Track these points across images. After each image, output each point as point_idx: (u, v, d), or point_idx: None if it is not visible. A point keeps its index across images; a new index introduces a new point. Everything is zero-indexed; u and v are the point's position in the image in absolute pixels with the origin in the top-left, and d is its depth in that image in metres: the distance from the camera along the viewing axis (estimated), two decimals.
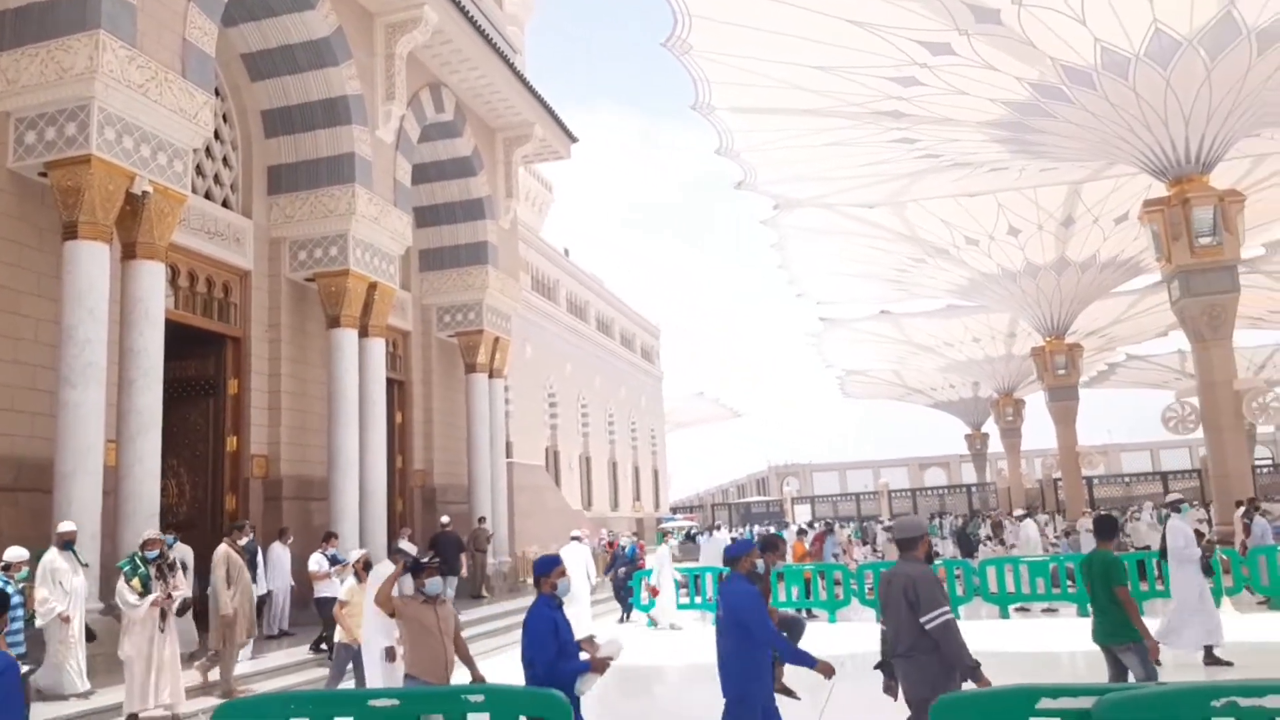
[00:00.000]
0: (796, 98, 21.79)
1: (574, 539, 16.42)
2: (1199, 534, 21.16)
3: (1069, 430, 34.49)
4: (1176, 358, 51.09)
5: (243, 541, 11.13)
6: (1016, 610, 16.34)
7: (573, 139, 24.89)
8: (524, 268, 32.83)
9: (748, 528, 39.44)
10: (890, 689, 5.86)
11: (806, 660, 5.85)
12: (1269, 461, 55.94)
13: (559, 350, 37.40)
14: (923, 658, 5.47)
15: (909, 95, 20.77)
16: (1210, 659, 10.41)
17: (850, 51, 19.36)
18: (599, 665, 5.67)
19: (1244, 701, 3.96)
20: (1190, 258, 19.62)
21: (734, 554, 6.39)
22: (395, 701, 4.38)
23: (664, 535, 20.82)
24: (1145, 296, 37.72)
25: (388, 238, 16.65)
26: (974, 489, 57.28)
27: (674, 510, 60.28)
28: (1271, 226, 31.69)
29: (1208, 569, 11.28)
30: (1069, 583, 16.52)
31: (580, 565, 15.67)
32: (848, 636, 13.66)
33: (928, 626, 5.44)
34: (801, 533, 26.80)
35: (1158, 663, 7.23)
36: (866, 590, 17.00)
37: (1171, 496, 12.66)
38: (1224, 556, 15.95)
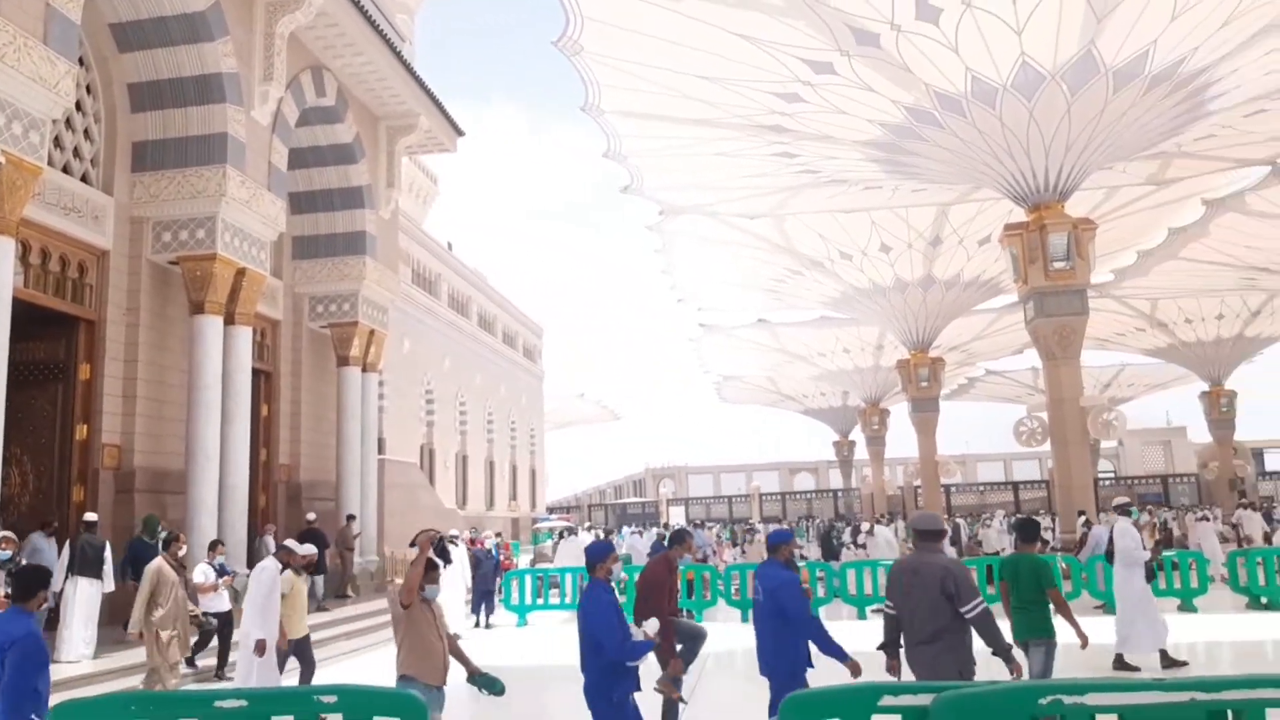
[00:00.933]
0: (684, 106, 22.10)
1: (451, 540, 16.70)
2: (1044, 542, 22.45)
3: (929, 440, 36.07)
4: (1030, 374, 54.05)
5: (182, 553, 10.19)
6: (873, 611, 16.98)
7: (459, 132, 24.58)
8: (404, 260, 32.18)
9: (621, 529, 39.68)
10: (894, 669, 6.11)
11: (839, 653, 6.22)
12: (1111, 474, 59.86)
13: (438, 346, 36.81)
14: (953, 640, 5.76)
15: (791, 111, 21.33)
16: (1167, 662, 10.23)
17: (737, 64, 19.75)
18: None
19: (1068, 699, 4.23)
20: (1045, 280, 20.83)
21: (775, 543, 6.77)
22: (243, 702, 4.24)
23: (561, 534, 20.87)
24: (1003, 315, 39.79)
25: (259, 222, 16.05)
26: (840, 494, 59.22)
27: (550, 510, 60.09)
28: (1120, 254, 33.94)
29: (1150, 573, 11.56)
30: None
31: (457, 564, 16.21)
32: (715, 636, 13.93)
33: (968, 615, 5.74)
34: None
35: (1082, 645, 7.57)
36: (733, 591, 17.40)
37: (1119, 500, 12.59)
38: (1064, 564, 16.97)
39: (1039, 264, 20.80)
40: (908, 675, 5.74)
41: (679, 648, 7.96)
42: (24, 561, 8.77)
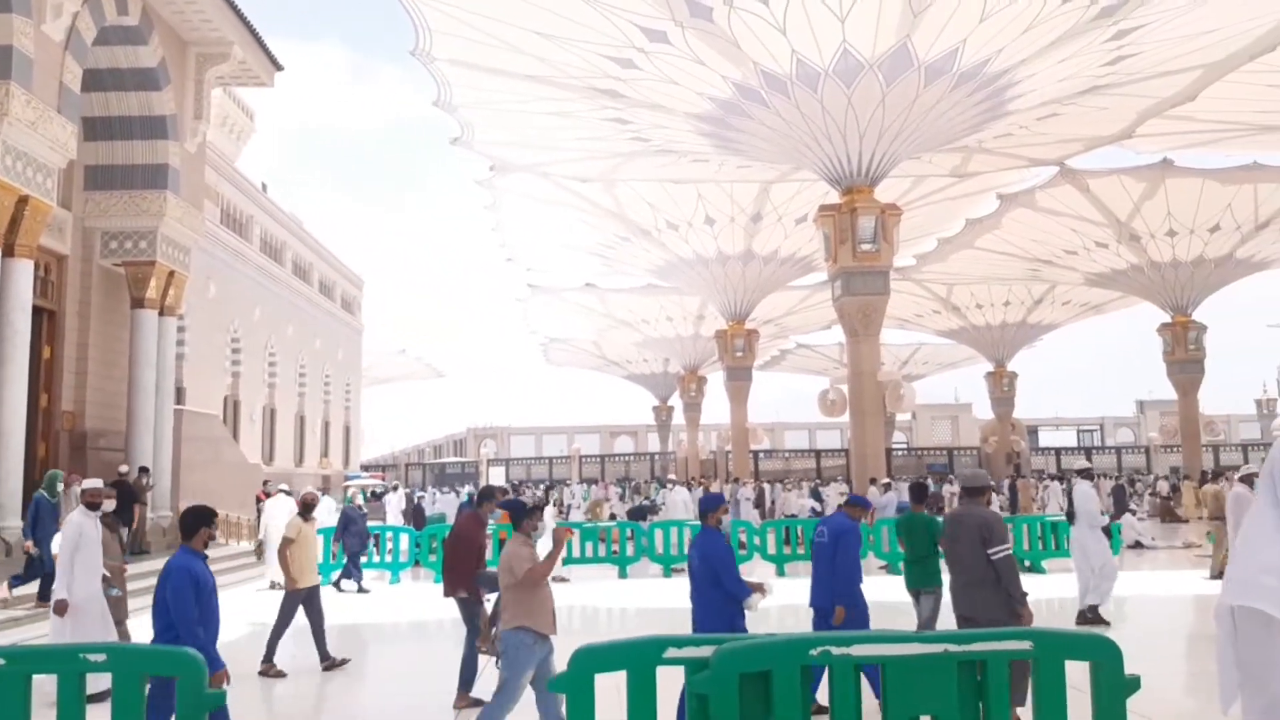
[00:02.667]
0: (518, 61, 21.73)
1: (282, 491, 17.13)
2: (839, 506, 23.76)
3: (742, 407, 37.50)
4: (837, 349, 56.95)
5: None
6: (676, 570, 17.61)
7: (277, 66, 23.20)
8: (213, 199, 30.21)
9: (440, 489, 39.20)
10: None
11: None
12: (904, 445, 64.17)
13: (248, 292, 34.89)
14: (994, 584, 6.48)
15: (626, 77, 21.41)
16: (1092, 617, 11.27)
17: (573, 24, 19.59)
18: (758, 587, 6.67)
19: (836, 650, 4.55)
20: (853, 261, 21.99)
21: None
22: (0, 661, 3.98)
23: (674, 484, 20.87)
24: (815, 292, 41.70)
25: (46, 147, 14.66)
26: (657, 457, 60.69)
27: (365, 468, 58.49)
28: (922, 240, 36.20)
29: (1106, 532, 12.45)
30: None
31: (284, 518, 15.77)
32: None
33: (994, 557, 6.45)
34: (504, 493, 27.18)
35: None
36: (574, 550, 17.72)
37: (1081, 464, 13.27)
38: (572, 530, 18.28)
39: (848, 245, 21.93)
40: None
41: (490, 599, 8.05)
42: None
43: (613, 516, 23.62)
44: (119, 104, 19.33)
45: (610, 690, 4.56)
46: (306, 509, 10.12)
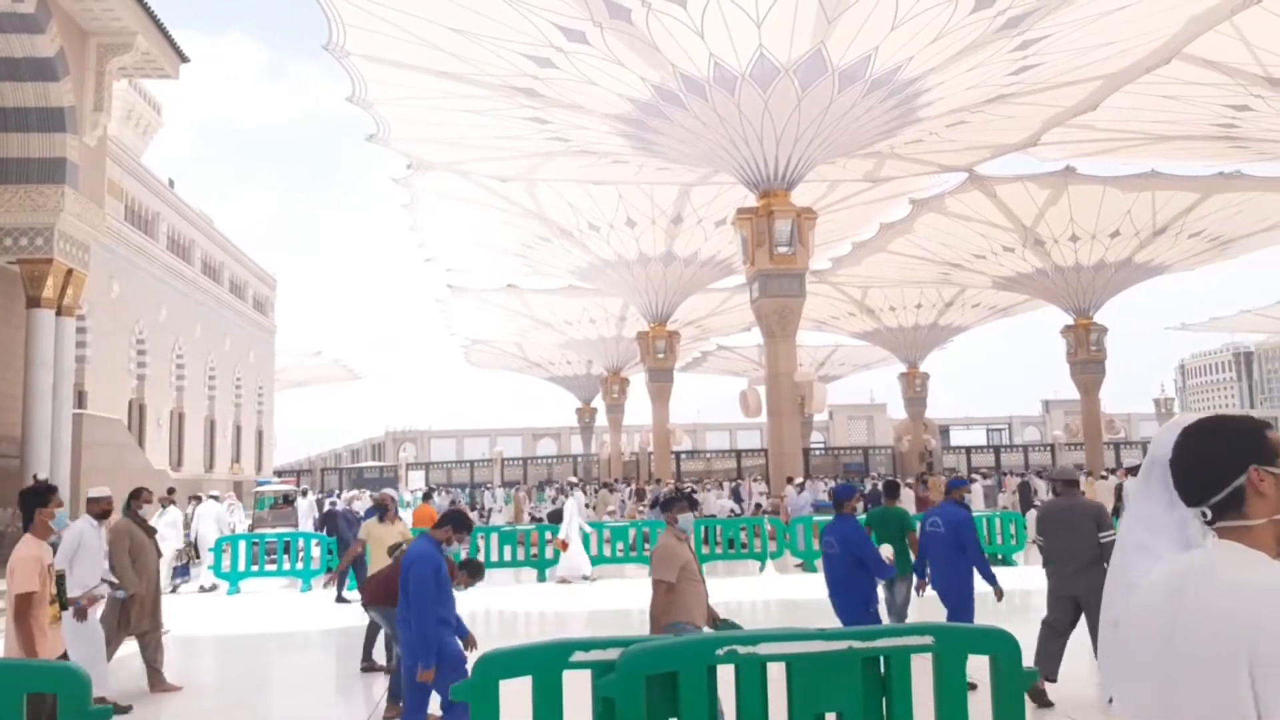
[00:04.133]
0: (435, 58, 21.44)
1: (212, 498, 18.43)
2: (758, 506, 24.06)
3: (663, 409, 37.66)
4: (756, 350, 57.65)
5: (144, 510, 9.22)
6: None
7: (183, 58, 22.41)
8: (117, 195, 29.06)
9: (341, 494, 38.43)
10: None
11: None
12: (822, 445, 65.25)
13: (154, 292, 33.66)
14: (1102, 564, 7.10)
15: (544, 76, 21.29)
16: None
17: (491, 22, 19.40)
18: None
19: (742, 649, 4.58)
20: (769, 263, 22.27)
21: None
22: None
23: (573, 486, 20.93)
24: (735, 294, 42.10)
25: None
26: (580, 459, 60.55)
27: (278, 474, 56.99)
28: (837, 244, 36.87)
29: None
30: (646, 546, 18.09)
31: (211, 521, 17.57)
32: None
33: (1104, 540, 7.27)
34: (427, 496, 26.86)
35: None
36: (477, 553, 17.47)
37: (1132, 465, 13.46)
38: (770, 525, 18.33)
39: (765, 247, 22.20)
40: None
41: None
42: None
43: (533, 519, 23.46)
44: (14, 95, 18.45)
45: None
46: (384, 511, 10.10)
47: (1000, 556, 17.84)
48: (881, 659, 4.69)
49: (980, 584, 8.07)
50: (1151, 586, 1.87)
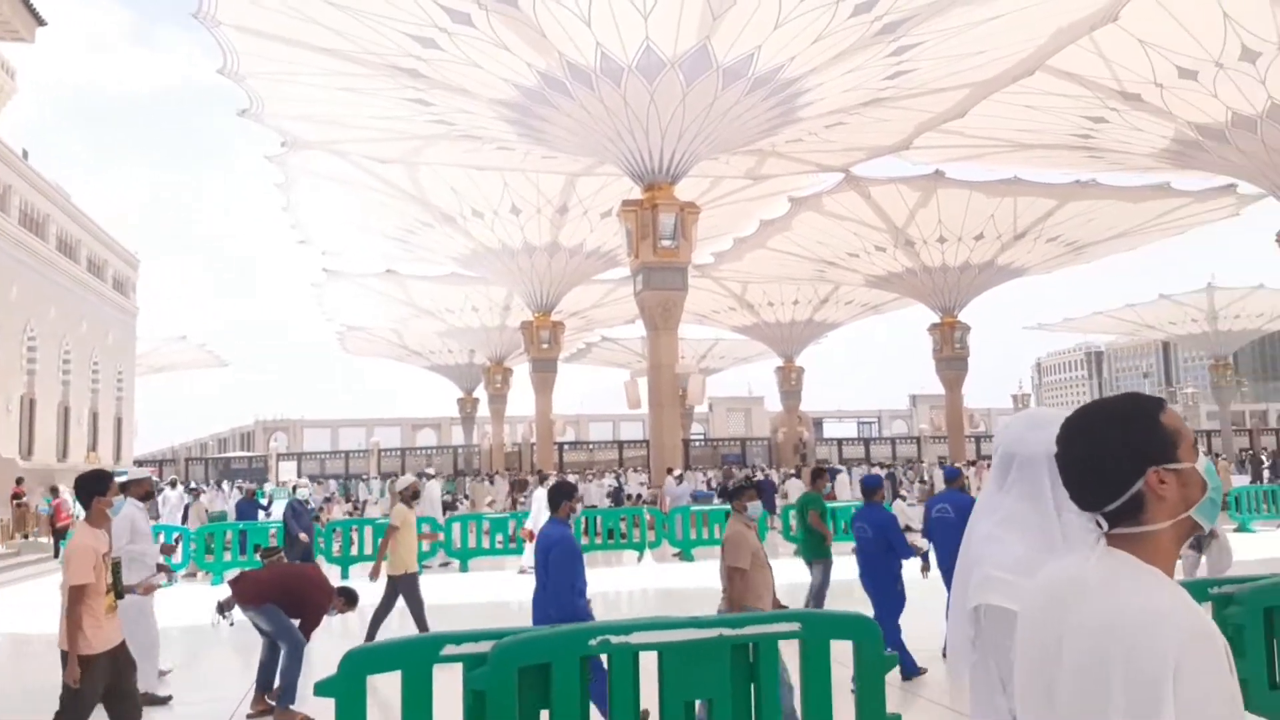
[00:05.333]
0: (313, 32, 20.66)
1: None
2: (637, 496, 24.19)
3: (547, 399, 37.49)
4: (640, 342, 57.99)
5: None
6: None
7: (40, 21, 21.08)
8: None
9: (227, 485, 36.93)
10: None
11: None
12: (701, 436, 66.24)
13: (4, 270, 31.46)
14: None
15: (427, 57, 20.82)
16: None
17: None
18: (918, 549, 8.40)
19: (615, 639, 4.60)
20: (653, 256, 22.44)
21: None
22: None
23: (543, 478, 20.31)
24: (620, 286, 42.22)
25: None
26: (461, 450, 59.72)
27: (138, 463, 54.14)
28: (719, 239, 37.44)
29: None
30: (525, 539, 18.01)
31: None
32: None
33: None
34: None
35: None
36: (351, 548, 17.01)
37: None
38: (649, 515, 18.51)
39: (649, 240, 22.35)
40: None
41: None
42: None
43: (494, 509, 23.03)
44: None
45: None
46: (414, 496, 10.70)
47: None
48: (750, 645, 4.79)
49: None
50: (1034, 599, 1.76)
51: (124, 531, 7.95)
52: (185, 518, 22.48)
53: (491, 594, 14.41)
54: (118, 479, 7.92)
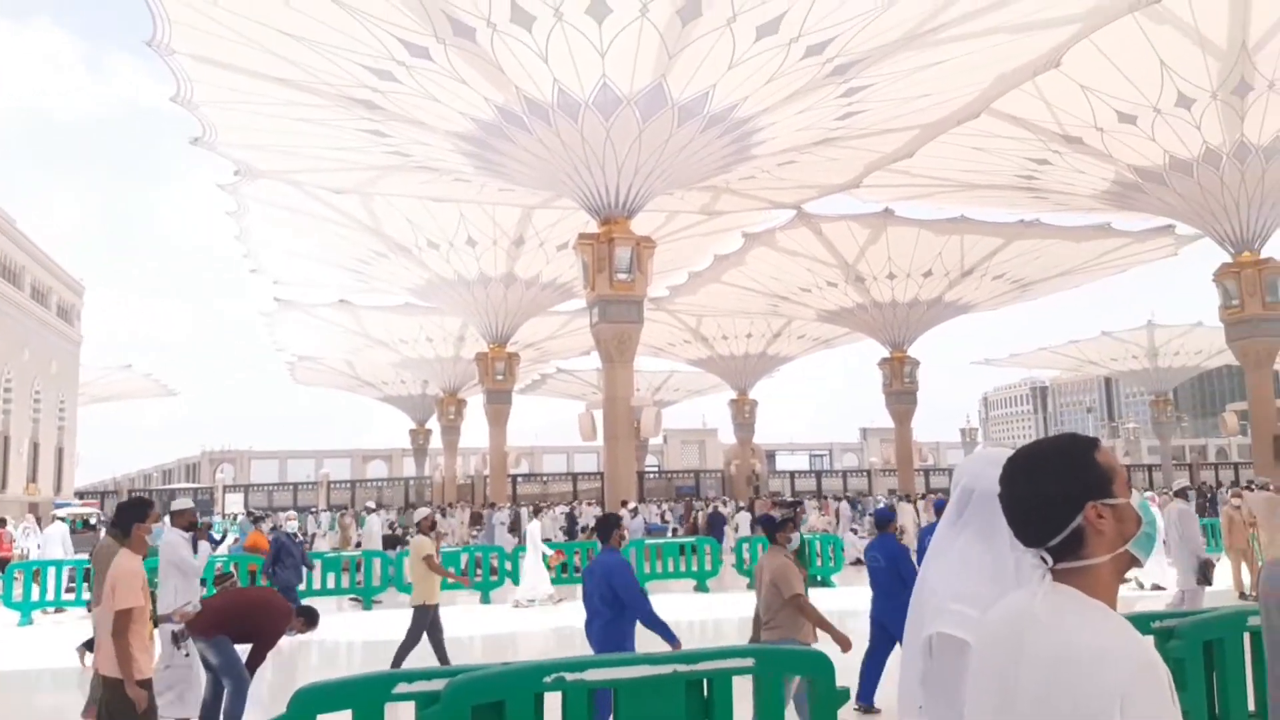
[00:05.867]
0: (268, 63, 20.59)
1: (59, 519, 19.16)
2: (587, 528, 23.99)
3: (501, 431, 37.29)
4: (595, 374, 58.01)
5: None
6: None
7: None
8: None
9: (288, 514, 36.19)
10: None
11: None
12: (656, 469, 66.24)
13: None
14: None
15: (384, 89, 20.84)
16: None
17: (329, 30, 18.84)
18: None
19: (570, 676, 4.60)
20: (609, 289, 22.56)
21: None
22: None
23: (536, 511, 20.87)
24: (575, 318, 42.27)
25: None
26: (412, 482, 59.00)
27: (79, 495, 52.69)
28: (674, 273, 37.74)
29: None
30: (478, 572, 17.85)
31: (58, 542, 17.71)
32: None
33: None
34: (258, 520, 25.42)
35: None
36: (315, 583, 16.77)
37: (1260, 480, 13.52)
38: (560, 551, 18.53)
39: (605, 273, 22.48)
40: None
41: None
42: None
43: (358, 545, 22.68)
44: None
45: None
46: (432, 527, 11.05)
47: (819, 578, 18.57)
48: (705, 681, 4.82)
49: None
50: (987, 634, 1.81)
51: (173, 560, 8.17)
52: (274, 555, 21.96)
53: (445, 630, 14.21)
54: (60, 510, 7.90)
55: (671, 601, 16.46)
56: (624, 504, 22.61)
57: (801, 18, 17.83)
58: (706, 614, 15.35)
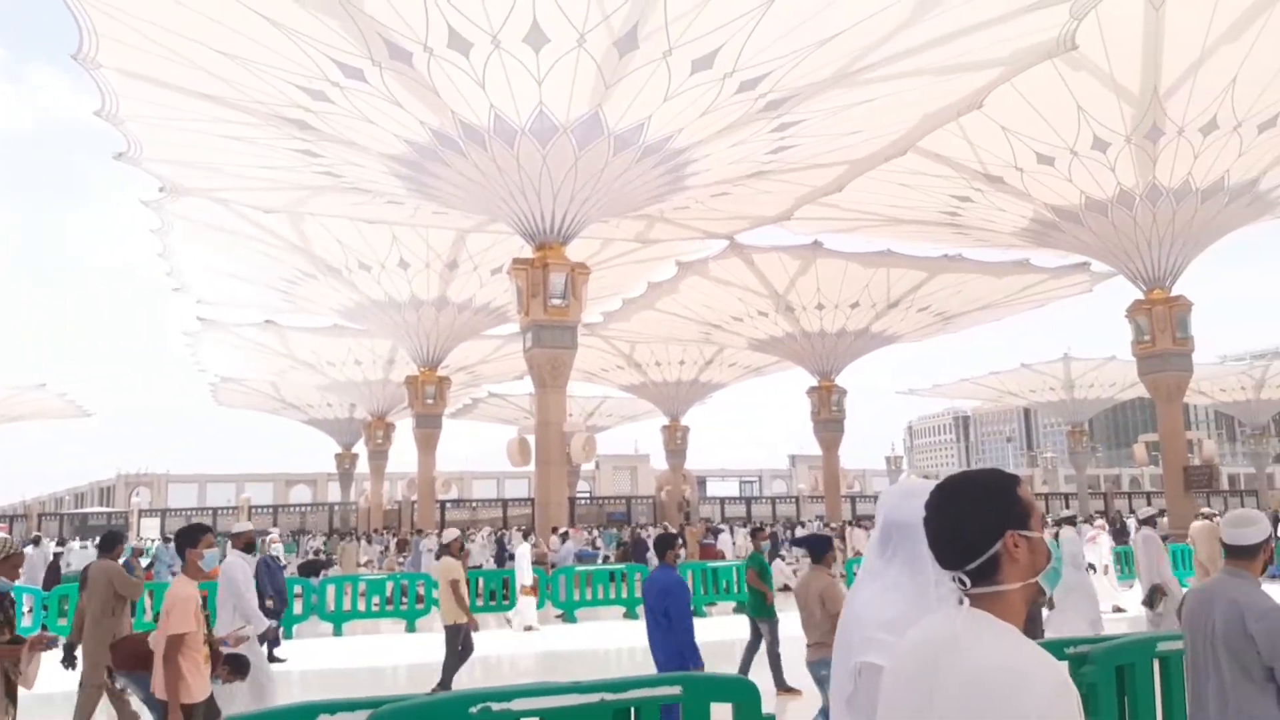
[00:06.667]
0: (197, 79, 20.21)
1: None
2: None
3: (430, 456, 36.82)
4: (527, 399, 57.66)
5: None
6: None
7: None
8: None
9: (80, 542, 34.73)
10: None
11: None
12: (587, 494, 65.98)
13: None
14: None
15: (317, 109, 20.62)
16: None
17: (261, 48, 18.60)
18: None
19: (496, 706, 4.58)
20: (543, 314, 22.55)
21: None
22: None
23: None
24: (508, 342, 42.08)
25: None
26: (337, 507, 57.79)
27: None
28: (608, 299, 37.88)
29: None
30: (403, 599, 17.54)
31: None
32: None
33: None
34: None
35: None
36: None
37: (1144, 513, 14.29)
38: (535, 576, 18.31)
39: (540, 299, 22.48)
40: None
41: None
42: None
43: (326, 572, 22.10)
44: None
45: None
46: (461, 549, 11.28)
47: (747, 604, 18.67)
48: (632, 710, 4.84)
49: None
50: (904, 654, 1.88)
51: (235, 581, 8.31)
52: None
53: (370, 659, 13.95)
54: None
55: (599, 630, 16.43)
56: (555, 530, 22.50)
57: (736, 53, 18.19)
58: (636, 641, 15.32)
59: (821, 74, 19.13)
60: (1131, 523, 19.22)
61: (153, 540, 37.37)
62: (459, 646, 10.41)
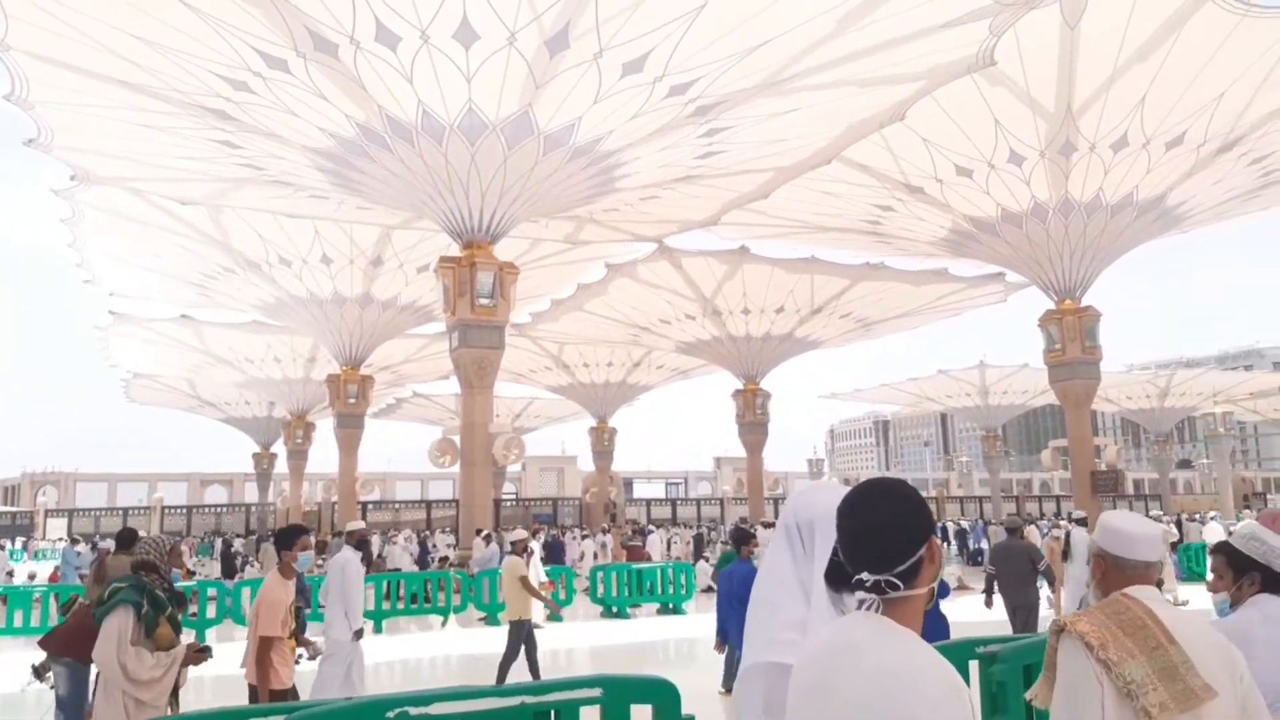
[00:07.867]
0: (112, 65, 19.52)
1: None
2: (444, 559, 23.63)
3: (351, 456, 36.15)
4: (453, 399, 57.07)
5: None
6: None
7: None
8: None
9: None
10: (990, 603, 11.67)
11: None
12: (513, 495, 65.59)
13: None
14: (1031, 587, 11.59)
15: (238, 99, 20.10)
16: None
17: (180, 35, 18.04)
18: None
19: (414, 710, 4.55)
20: (470, 314, 22.36)
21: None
22: None
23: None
24: (434, 342, 41.63)
25: None
26: (255, 508, 56.40)
27: None
28: (537, 300, 37.73)
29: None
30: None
31: None
32: None
33: (1040, 569, 11.69)
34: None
35: None
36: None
37: (1078, 514, 16.56)
38: (456, 578, 18.17)
39: (467, 298, 22.28)
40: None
41: None
42: None
43: (190, 574, 21.50)
44: None
45: None
46: (524, 549, 11.92)
47: (671, 606, 18.83)
48: (552, 713, 4.86)
49: None
50: (811, 653, 1.92)
51: (335, 576, 8.60)
52: None
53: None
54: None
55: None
56: (478, 532, 22.32)
57: (666, 58, 18.30)
58: (558, 643, 15.30)
59: (750, 81, 19.37)
60: (1063, 524, 20.23)
61: (59, 540, 35.94)
62: (521, 641, 10.91)
